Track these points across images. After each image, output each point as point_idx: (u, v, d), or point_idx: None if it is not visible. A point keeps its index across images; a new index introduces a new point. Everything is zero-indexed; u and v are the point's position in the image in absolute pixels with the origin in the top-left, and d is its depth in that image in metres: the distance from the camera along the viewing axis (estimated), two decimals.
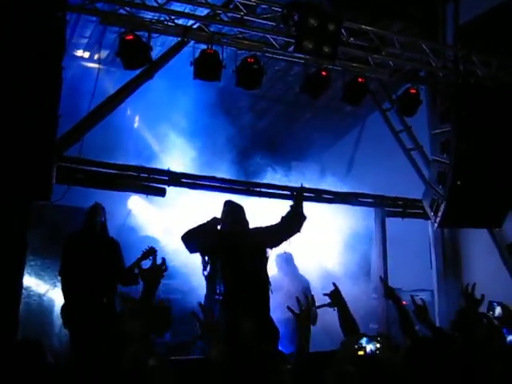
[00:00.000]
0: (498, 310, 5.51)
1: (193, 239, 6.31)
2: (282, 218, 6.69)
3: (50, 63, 5.62)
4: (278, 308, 6.54)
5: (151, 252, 6.60)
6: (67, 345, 6.46)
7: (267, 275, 6.45)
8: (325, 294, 4.38)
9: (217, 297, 6.06)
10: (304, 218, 6.70)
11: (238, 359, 3.46)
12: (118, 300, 6.59)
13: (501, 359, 3.58)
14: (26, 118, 5.59)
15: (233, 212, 6.50)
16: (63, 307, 6.38)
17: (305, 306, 3.85)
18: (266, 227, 6.61)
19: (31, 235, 6.32)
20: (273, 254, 6.94)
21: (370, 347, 4.08)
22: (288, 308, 3.93)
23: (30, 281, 7.81)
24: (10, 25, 5.40)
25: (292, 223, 6.67)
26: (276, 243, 6.74)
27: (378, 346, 4.05)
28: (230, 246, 6.23)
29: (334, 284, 4.45)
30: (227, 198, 7.37)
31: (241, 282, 6.00)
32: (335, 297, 4.32)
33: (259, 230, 6.56)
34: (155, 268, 3.38)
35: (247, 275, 6.09)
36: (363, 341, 4.00)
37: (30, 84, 5.52)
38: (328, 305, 4.39)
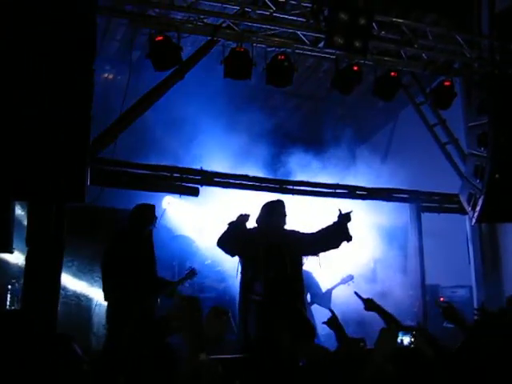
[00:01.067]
0: None
1: (225, 244, 6.25)
2: (323, 229, 6.44)
3: (81, 66, 5.68)
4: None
5: (192, 274, 6.61)
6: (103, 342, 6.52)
7: (303, 280, 6.37)
8: (323, 323, 4.33)
9: (254, 297, 5.99)
10: (350, 238, 6.43)
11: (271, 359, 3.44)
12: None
13: None
14: (60, 120, 5.65)
15: (271, 208, 6.38)
16: (108, 305, 6.41)
17: None
18: (304, 234, 6.43)
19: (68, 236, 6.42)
20: None
21: (406, 340, 4.04)
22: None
23: (67, 281, 7.91)
24: (42, 29, 5.48)
25: (332, 239, 6.41)
26: (311, 253, 6.62)
27: (413, 339, 4.00)
28: (269, 243, 6.12)
29: (331, 310, 4.39)
30: (261, 196, 7.36)
31: (280, 285, 5.89)
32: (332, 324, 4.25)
33: (297, 235, 6.39)
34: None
35: (287, 278, 5.99)
36: (400, 334, 3.97)
37: (62, 87, 5.58)
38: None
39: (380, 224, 9.56)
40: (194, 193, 7.64)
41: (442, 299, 9.93)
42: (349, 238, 6.38)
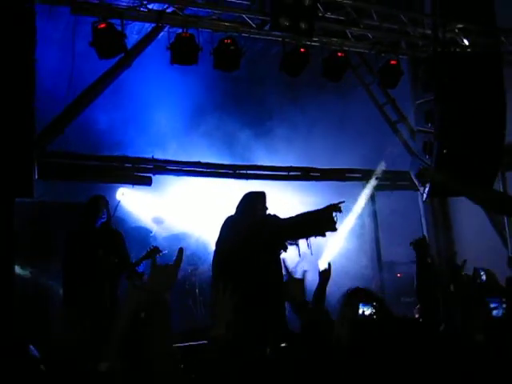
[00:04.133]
0: (483, 277, 5.51)
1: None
2: (305, 214, 5.67)
3: (21, 56, 5.55)
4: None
5: (155, 251, 6.44)
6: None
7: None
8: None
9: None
10: (334, 229, 5.57)
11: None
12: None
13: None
14: (2, 113, 5.52)
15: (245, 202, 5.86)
16: (65, 300, 6.26)
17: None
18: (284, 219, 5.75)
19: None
20: None
21: (367, 311, 4.08)
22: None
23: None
24: None
25: (313, 228, 5.58)
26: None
27: (374, 310, 4.05)
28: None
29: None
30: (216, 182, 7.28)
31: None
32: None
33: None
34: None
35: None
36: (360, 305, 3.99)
37: (1, 79, 5.45)
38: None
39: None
40: (147, 182, 7.59)
41: (399, 275, 10.16)
42: (333, 229, 5.57)
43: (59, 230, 6.87)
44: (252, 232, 5.47)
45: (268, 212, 5.74)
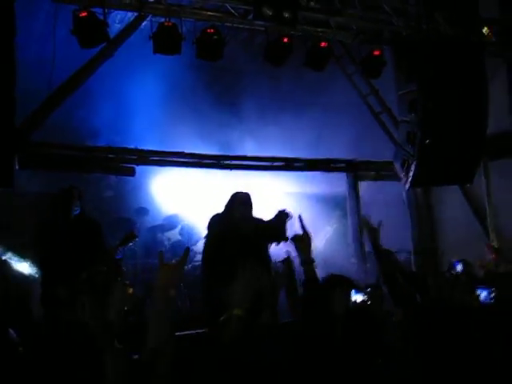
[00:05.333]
0: (459, 267, 5.55)
1: None
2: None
3: (0, 45, 5.48)
4: None
5: (132, 237, 6.30)
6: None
7: None
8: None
9: None
10: (285, 239, 5.82)
11: None
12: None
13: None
14: None
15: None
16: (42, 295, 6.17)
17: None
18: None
19: None
20: None
21: (359, 298, 4.13)
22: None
23: None
24: None
25: (271, 236, 6.04)
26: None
27: (367, 297, 4.10)
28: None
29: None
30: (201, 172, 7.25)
31: None
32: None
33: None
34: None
35: None
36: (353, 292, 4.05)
37: None
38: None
39: (320, 194, 9.74)
40: (130, 173, 7.55)
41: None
42: (284, 239, 5.89)
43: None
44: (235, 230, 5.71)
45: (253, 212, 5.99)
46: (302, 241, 3.69)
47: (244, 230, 5.73)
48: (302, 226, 3.83)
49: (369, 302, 4.13)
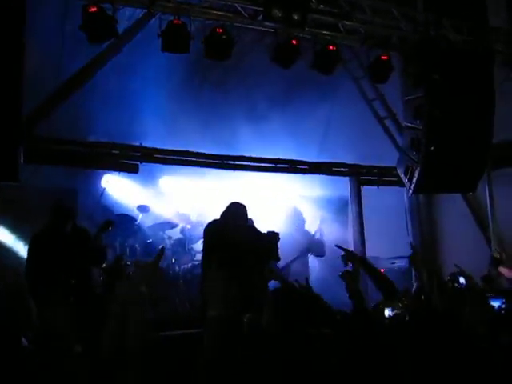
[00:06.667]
0: (462, 280, 5.56)
1: None
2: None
3: (10, 39, 5.46)
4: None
5: (108, 224, 6.29)
6: None
7: None
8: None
9: None
10: (277, 259, 6.49)
11: None
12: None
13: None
14: None
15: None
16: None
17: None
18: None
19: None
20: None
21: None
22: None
23: None
24: None
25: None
26: None
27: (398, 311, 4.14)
28: None
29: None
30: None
31: None
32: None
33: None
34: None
35: None
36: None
37: None
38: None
39: (323, 197, 9.73)
40: (134, 170, 7.53)
41: (382, 270, 10.20)
42: (277, 259, 6.46)
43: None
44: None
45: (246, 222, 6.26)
46: (351, 275, 3.93)
47: (235, 239, 5.91)
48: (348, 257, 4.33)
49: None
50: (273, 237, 6.26)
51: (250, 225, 6.43)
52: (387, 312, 4.10)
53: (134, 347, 5.26)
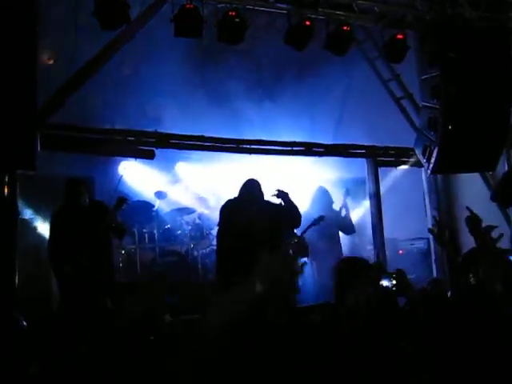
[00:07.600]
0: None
1: None
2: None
3: (23, 28, 5.49)
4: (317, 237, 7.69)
5: (121, 201, 6.46)
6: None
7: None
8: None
9: None
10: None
11: None
12: None
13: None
14: (4, 86, 5.49)
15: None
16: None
17: None
18: None
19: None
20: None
21: (385, 283, 4.19)
22: None
23: None
24: None
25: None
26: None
27: (394, 282, 4.15)
28: None
29: None
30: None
31: None
32: None
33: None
34: None
35: None
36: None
37: (4, 51, 5.41)
38: None
39: (339, 179, 9.67)
40: (150, 156, 7.53)
41: (400, 252, 10.16)
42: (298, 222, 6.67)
43: None
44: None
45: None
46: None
47: (249, 213, 6.19)
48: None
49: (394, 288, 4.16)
50: (283, 196, 6.43)
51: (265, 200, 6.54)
52: (385, 282, 4.13)
53: None
